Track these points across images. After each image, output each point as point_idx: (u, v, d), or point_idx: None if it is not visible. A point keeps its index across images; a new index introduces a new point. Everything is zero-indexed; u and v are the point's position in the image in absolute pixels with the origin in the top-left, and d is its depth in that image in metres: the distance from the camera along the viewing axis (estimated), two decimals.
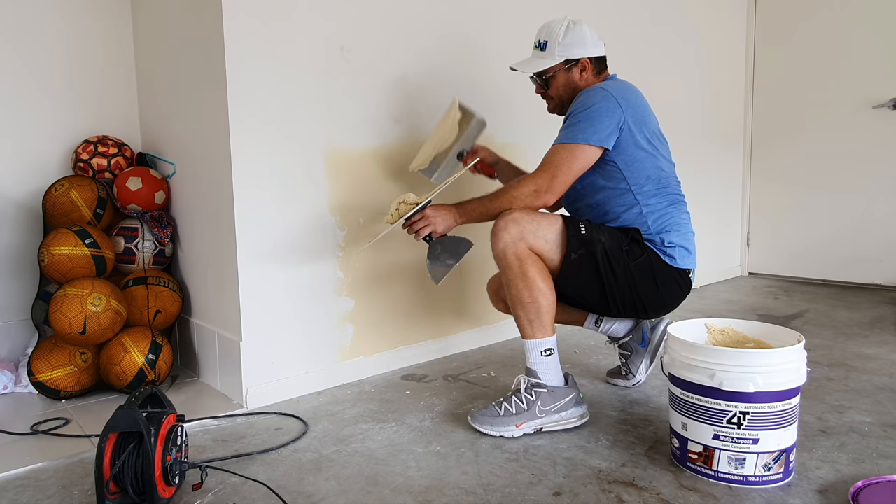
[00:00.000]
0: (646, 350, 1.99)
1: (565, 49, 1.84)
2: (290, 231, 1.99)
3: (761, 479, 1.35)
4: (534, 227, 1.68)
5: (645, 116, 1.78)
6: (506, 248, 1.67)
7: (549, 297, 1.69)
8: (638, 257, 1.74)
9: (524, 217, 1.69)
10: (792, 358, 1.33)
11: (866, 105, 3.54)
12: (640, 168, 1.76)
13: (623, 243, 1.73)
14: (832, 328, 2.70)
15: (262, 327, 1.95)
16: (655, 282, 1.76)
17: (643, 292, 1.76)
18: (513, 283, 1.69)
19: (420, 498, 1.35)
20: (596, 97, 1.72)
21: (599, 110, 1.70)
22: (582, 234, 1.71)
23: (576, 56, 1.84)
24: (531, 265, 1.68)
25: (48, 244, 2.02)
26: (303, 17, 1.97)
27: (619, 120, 1.71)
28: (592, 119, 1.70)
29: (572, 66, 1.86)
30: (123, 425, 1.26)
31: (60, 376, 1.97)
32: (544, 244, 1.70)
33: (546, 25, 1.89)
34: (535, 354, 1.69)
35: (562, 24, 1.85)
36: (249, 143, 1.89)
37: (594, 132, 1.70)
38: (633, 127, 1.73)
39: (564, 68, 1.86)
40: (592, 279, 1.73)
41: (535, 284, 1.67)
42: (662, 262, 1.77)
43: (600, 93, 1.73)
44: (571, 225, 1.73)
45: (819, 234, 3.78)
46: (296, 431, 1.73)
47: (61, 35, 2.30)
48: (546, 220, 1.71)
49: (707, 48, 3.72)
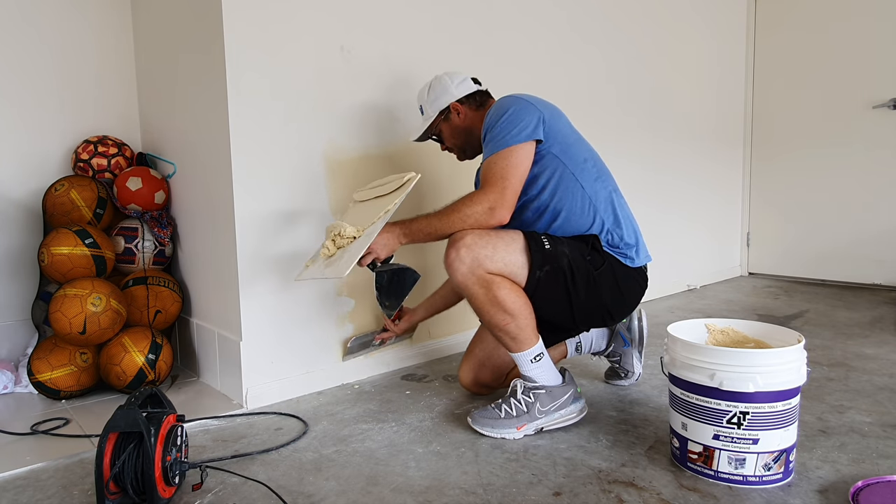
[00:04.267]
0: (631, 348, 2.00)
1: (433, 104, 1.89)
2: (290, 231, 1.99)
3: (761, 479, 1.35)
4: (489, 250, 1.57)
5: (558, 110, 1.77)
6: (465, 280, 1.58)
7: (524, 308, 1.60)
8: (600, 266, 1.66)
9: (477, 241, 1.57)
10: (792, 358, 1.33)
11: (866, 105, 3.54)
12: (576, 151, 1.73)
13: (585, 253, 1.65)
14: (832, 328, 2.70)
15: (262, 327, 1.95)
16: (618, 287, 1.70)
17: (607, 300, 1.69)
18: (483, 310, 1.61)
19: (420, 498, 1.35)
20: (506, 103, 1.71)
21: (516, 111, 1.67)
22: (546, 249, 1.61)
23: (444, 104, 1.88)
24: (498, 288, 1.58)
25: (48, 244, 2.02)
26: (303, 17, 1.97)
27: (538, 115, 1.68)
28: (512, 120, 1.66)
29: (447, 115, 1.90)
30: (123, 425, 1.26)
31: (60, 376, 1.97)
32: (504, 266, 1.58)
33: (418, 94, 1.98)
34: (525, 363, 1.66)
35: (426, 87, 1.93)
36: (249, 143, 1.89)
37: (520, 130, 1.65)
38: (552, 118, 1.71)
39: (441, 119, 1.90)
40: (559, 296, 1.64)
41: (506, 305, 1.58)
42: (623, 266, 1.71)
43: (509, 99, 1.72)
44: (533, 240, 1.62)
45: (819, 234, 3.78)
46: (296, 431, 1.72)
47: (61, 35, 2.30)
48: (502, 240, 1.60)
49: (707, 48, 3.72)
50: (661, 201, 3.44)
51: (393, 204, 1.68)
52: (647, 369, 2.10)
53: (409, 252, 2.28)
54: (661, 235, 3.38)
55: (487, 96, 1.92)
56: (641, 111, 3.30)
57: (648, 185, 3.36)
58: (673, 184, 3.53)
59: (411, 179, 1.73)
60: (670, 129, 3.50)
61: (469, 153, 1.96)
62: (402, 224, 1.69)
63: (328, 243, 1.72)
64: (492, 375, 1.88)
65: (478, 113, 1.89)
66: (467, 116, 1.89)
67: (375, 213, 1.71)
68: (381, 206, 1.72)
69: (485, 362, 1.87)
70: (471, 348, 1.92)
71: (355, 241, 1.67)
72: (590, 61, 3.00)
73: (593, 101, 3.04)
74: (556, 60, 2.83)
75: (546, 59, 2.77)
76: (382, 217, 1.67)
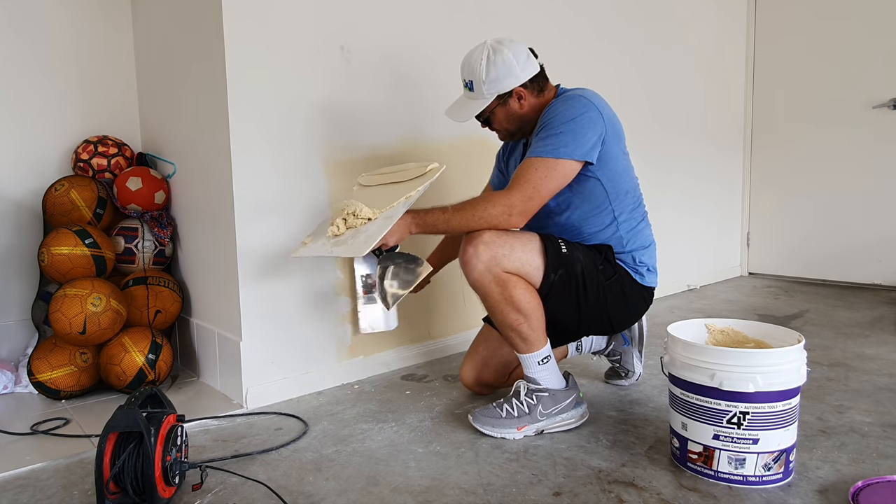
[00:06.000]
0: (632, 347, 2.00)
1: (493, 85, 1.67)
2: (290, 231, 1.99)
3: (761, 479, 1.34)
4: (507, 249, 1.56)
5: (620, 127, 1.68)
6: (482, 277, 1.56)
7: (537, 310, 1.60)
8: (610, 276, 1.66)
9: (495, 239, 1.56)
10: (792, 358, 1.33)
11: (866, 105, 3.54)
12: (621, 182, 1.67)
13: (598, 262, 1.65)
14: (832, 328, 2.70)
15: (262, 327, 1.95)
16: (625, 300, 1.71)
17: (613, 311, 1.70)
18: (497, 309, 1.60)
19: (420, 498, 1.35)
20: (578, 107, 1.59)
21: (583, 121, 1.57)
22: (563, 253, 1.61)
23: (507, 89, 1.68)
24: (513, 287, 1.57)
25: (48, 244, 2.02)
26: (303, 17, 1.97)
27: (601, 132, 1.59)
28: (575, 131, 1.56)
29: (507, 99, 1.70)
30: (123, 425, 1.26)
31: (60, 376, 1.97)
32: (521, 266, 1.57)
33: (466, 62, 1.70)
34: (533, 365, 1.66)
35: (481, 60, 1.65)
36: (249, 143, 1.89)
37: (578, 145, 1.56)
38: (612, 139, 1.63)
39: (499, 104, 1.71)
40: (570, 300, 1.63)
41: (521, 305, 1.58)
42: (632, 280, 1.71)
43: (581, 101, 1.61)
44: (550, 243, 1.62)
45: (819, 233, 3.78)
46: (296, 431, 1.72)
47: (61, 35, 2.30)
48: (520, 241, 1.59)
49: (707, 48, 3.72)
50: (661, 201, 3.44)
51: (416, 191, 1.60)
52: (647, 369, 2.10)
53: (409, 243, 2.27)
54: (662, 235, 3.36)
55: (546, 79, 1.75)
56: (642, 111, 3.30)
57: (648, 185, 3.34)
58: (673, 183, 3.53)
59: (435, 169, 1.66)
60: (670, 130, 3.50)
61: (517, 136, 1.80)
62: (416, 214, 1.60)
63: (339, 221, 1.63)
64: (494, 375, 1.88)
65: (538, 100, 1.71)
66: (529, 104, 1.71)
67: (394, 198, 1.62)
68: (399, 192, 1.64)
69: (488, 361, 1.87)
70: (474, 347, 1.92)
71: (371, 222, 1.59)
72: (589, 60, 3.00)
73: None
74: (558, 56, 2.82)
75: (548, 55, 2.76)
76: (403, 202, 1.59)
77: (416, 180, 1.68)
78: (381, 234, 1.50)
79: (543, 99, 1.72)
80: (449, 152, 2.38)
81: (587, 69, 2.98)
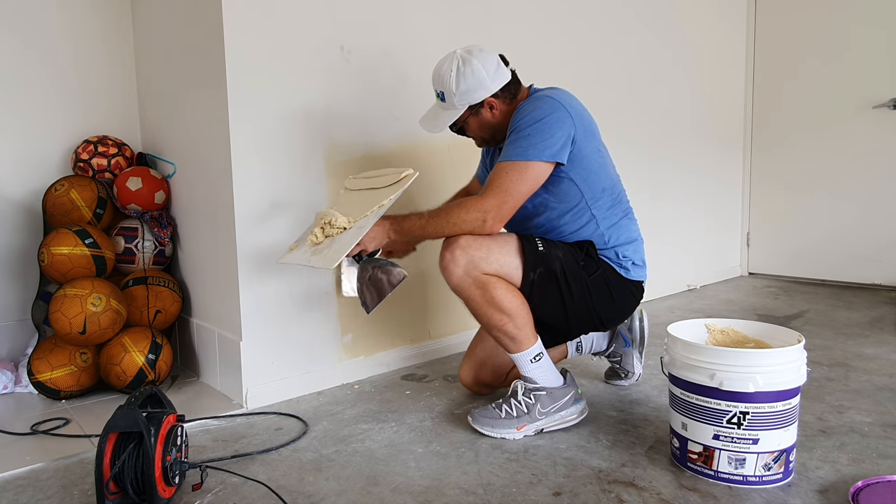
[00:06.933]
0: (632, 348, 2.00)
1: (463, 97, 1.66)
2: (290, 231, 1.99)
3: (761, 479, 1.35)
4: (484, 251, 1.57)
5: (592, 125, 1.68)
6: (461, 282, 1.57)
7: (521, 308, 1.60)
8: (594, 272, 1.66)
9: (471, 243, 1.57)
10: (792, 358, 1.33)
11: (866, 105, 3.54)
12: (596, 180, 1.66)
13: (578, 258, 1.65)
14: (832, 328, 2.70)
15: (262, 327, 1.95)
16: (611, 295, 1.70)
17: (599, 306, 1.69)
18: (480, 311, 1.61)
19: (420, 498, 1.35)
20: (544, 107, 1.58)
21: (549, 122, 1.56)
22: (540, 251, 1.61)
23: (478, 100, 1.67)
24: (493, 288, 1.57)
25: (48, 244, 2.02)
26: (303, 17, 1.97)
27: (570, 131, 1.58)
28: (543, 132, 1.56)
29: (478, 109, 1.69)
30: (123, 425, 1.26)
31: (60, 376, 1.97)
32: (499, 268, 1.58)
33: (437, 73, 1.69)
34: (525, 364, 1.66)
35: (451, 73, 1.64)
36: (249, 143, 1.89)
37: (546, 146, 1.56)
38: (583, 137, 1.62)
39: (471, 114, 1.70)
40: (554, 298, 1.64)
41: (503, 305, 1.58)
42: (617, 275, 1.70)
43: (549, 102, 1.60)
44: (527, 242, 1.62)
45: (819, 233, 3.78)
46: (296, 431, 1.72)
47: (61, 35, 2.30)
48: (496, 242, 1.60)
49: (707, 48, 3.72)
50: (661, 201, 3.44)
51: (388, 199, 1.63)
52: (647, 369, 2.10)
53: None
54: (661, 235, 3.38)
55: (519, 85, 1.74)
56: (640, 111, 3.30)
57: (648, 185, 3.35)
58: (673, 184, 3.53)
59: (409, 176, 1.67)
60: (670, 130, 3.50)
61: (492, 143, 1.82)
62: (394, 220, 1.63)
63: (317, 230, 1.66)
64: (492, 375, 1.88)
65: (510, 106, 1.71)
66: (501, 112, 1.71)
67: (368, 207, 1.65)
68: (374, 200, 1.66)
69: (485, 362, 1.87)
70: (471, 348, 1.92)
71: (345, 232, 1.62)
72: (588, 60, 3.00)
73: (590, 103, 3.03)
74: (557, 57, 2.82)
75: (546, 56, 2.77)
76: (375, 212, 1.61)
77: (391, 188, 1.68)
78: (352, 244, 1.54)
79: (515, 105, 1.71)
80: (448, 152, 2.38)
81: (588, 69, 2.98)
